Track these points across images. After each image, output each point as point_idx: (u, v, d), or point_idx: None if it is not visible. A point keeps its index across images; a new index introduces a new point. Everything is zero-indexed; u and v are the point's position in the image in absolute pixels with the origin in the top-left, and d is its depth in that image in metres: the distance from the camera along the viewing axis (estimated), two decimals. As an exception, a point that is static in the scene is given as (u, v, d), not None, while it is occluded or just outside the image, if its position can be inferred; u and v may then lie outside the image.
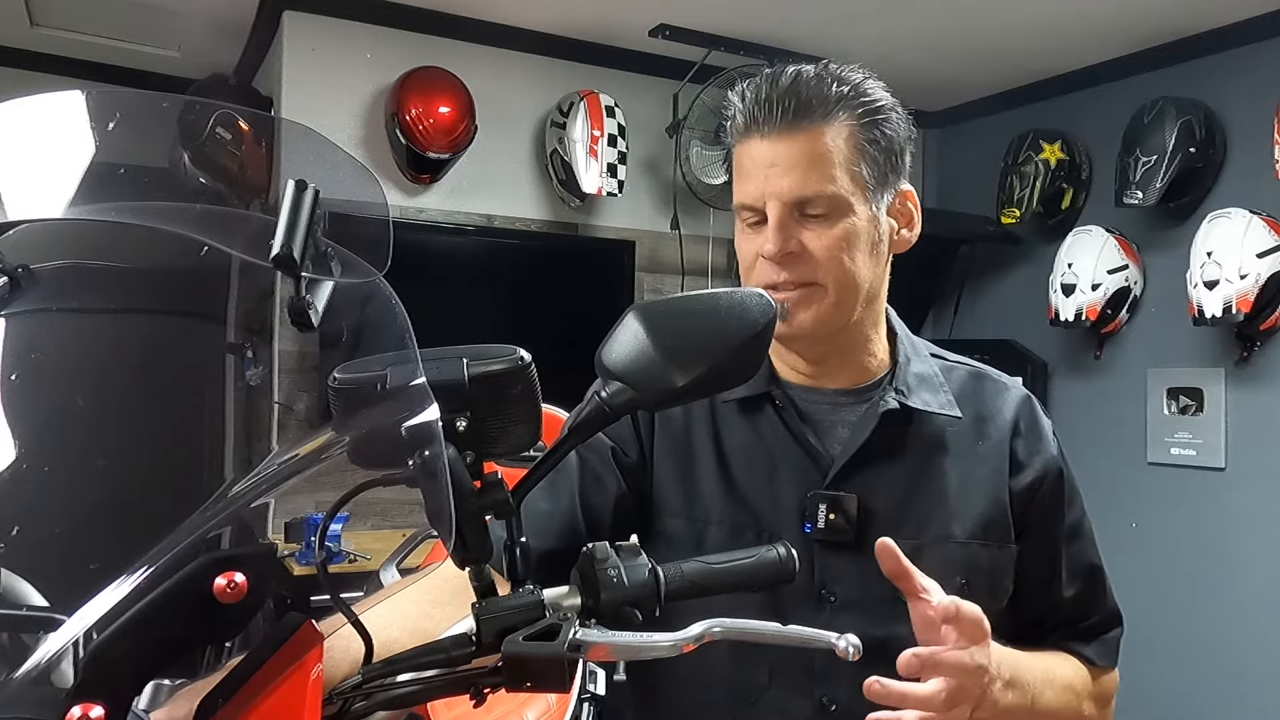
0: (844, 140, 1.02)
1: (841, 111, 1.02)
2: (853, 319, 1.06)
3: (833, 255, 1.01)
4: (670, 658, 0.68)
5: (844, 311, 1.04)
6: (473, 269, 3.52)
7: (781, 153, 1.01)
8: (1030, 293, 3.81)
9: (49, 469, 0.73)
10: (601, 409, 0.71)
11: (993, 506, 1.07)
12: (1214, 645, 3.28)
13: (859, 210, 1.02)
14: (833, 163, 1.01)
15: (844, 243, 1.02)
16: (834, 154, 1.01)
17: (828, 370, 1.10)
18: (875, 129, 1.03)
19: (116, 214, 0.74)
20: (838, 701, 0.99)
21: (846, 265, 1.02)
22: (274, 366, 2.94)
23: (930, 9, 3.22)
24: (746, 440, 1.07)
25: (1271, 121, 3.02)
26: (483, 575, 0.66)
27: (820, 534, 1.01)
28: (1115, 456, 3.53)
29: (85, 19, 3.52)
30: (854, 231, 1.02)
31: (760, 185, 1.02)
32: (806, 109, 1.01)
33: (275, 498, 0.68)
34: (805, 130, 1.01)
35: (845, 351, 1.09)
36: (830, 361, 1.10)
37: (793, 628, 0.71)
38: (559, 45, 3.64)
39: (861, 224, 1.03)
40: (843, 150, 1.01)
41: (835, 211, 1.01)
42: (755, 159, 1.03)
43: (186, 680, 0.64)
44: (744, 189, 1.04)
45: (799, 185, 1.00)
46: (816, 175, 1.00)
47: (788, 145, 1.01)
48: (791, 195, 1.00)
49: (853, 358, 1.10)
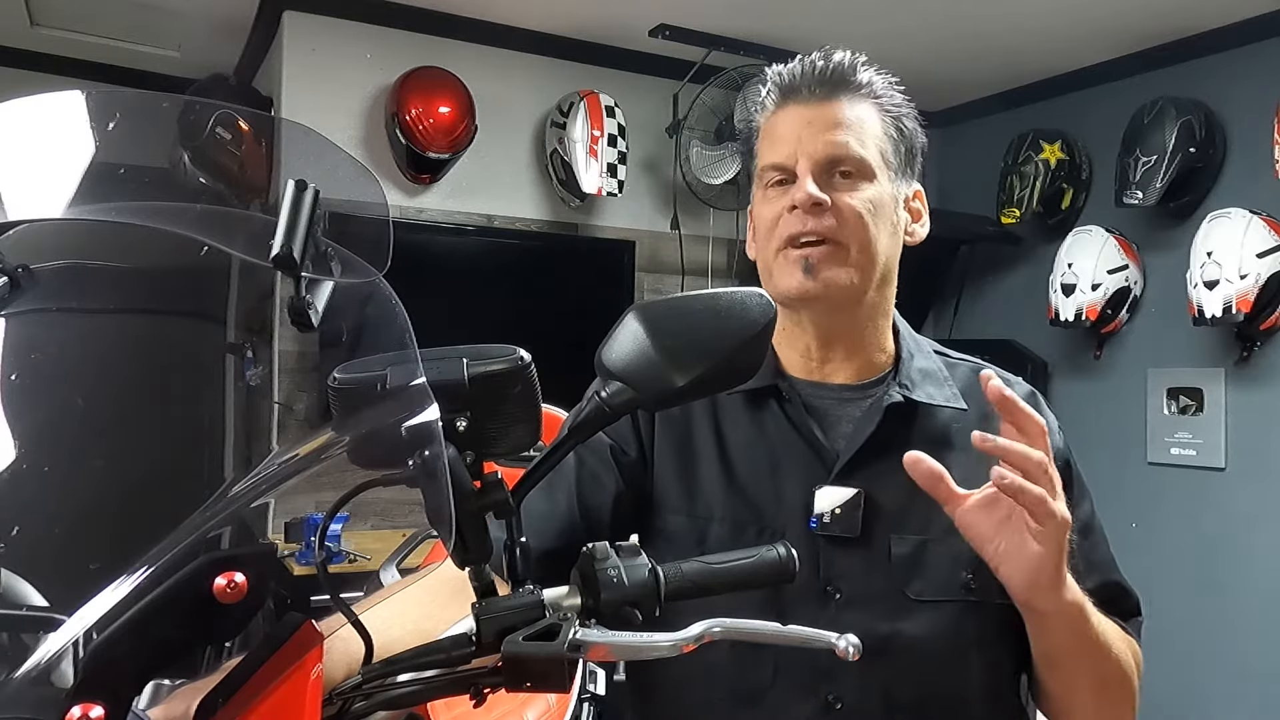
0: (875, 118, 1.07)
1: (870, 96, 1.08)
2: (868, 297, 1.07)
3: (858, 215, 1.04)
4: (671, 658, 0.68)
5: (864, 278, 1.06)
6: (473, 269, 3.52)
7: (818, 115, 1.06)
8: (1030, 293, 3.81)
9: (49, 469, 0.73)
10: (601, 409, 0.71)
11: None
12: (1214, 645, 3.28)
13: (883, 183, 1.07)
14: (863, 130, 1.06)
15: (870, 205, 1.05)
16: (864, 124, 1.06)
17: (834, 361, 1.10)
18: (899, 121, 1.09)
19: (116, 214, 0.74)
20: (843, 700, 0.99)
21: (870, 229, 1.05)
22: (274, 366, 2.94)
23: (930, 9, 3.22)
24: (749, 435, 1.07)
25: (1271, 121, 3.02)
26: (483, 575, 0.66)
27: (825, 529, 1.01)
28: (1115, 456, 3.53)
29: (85, 19, 3.52)
30: (880, 200, 1.06)
31: (793, 145, 1.05)
32: (844, 81, 1.07)
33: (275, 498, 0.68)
34: (841, 97, 1.06)
35: (853, 339, 1.10)
36: (838, 348, 1.09)
37: (792, 627, 0.70)
38: (559, 45, 3.64)
39: (885, 196, 1.06)
40: (872, 123, 1.07)
41: (863, 175, 1.05)
42: (789, 123, 1.07)
43: (186, 680, 0.64)
44: (775, 150, 1.07)
45: (832, 144, 1.04)
46: (850, 136, 1.05)
47: (822, 110, 1.06)
48: (825, 152, 1.04)
49: (859, 349, 1.10)
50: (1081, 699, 1.01)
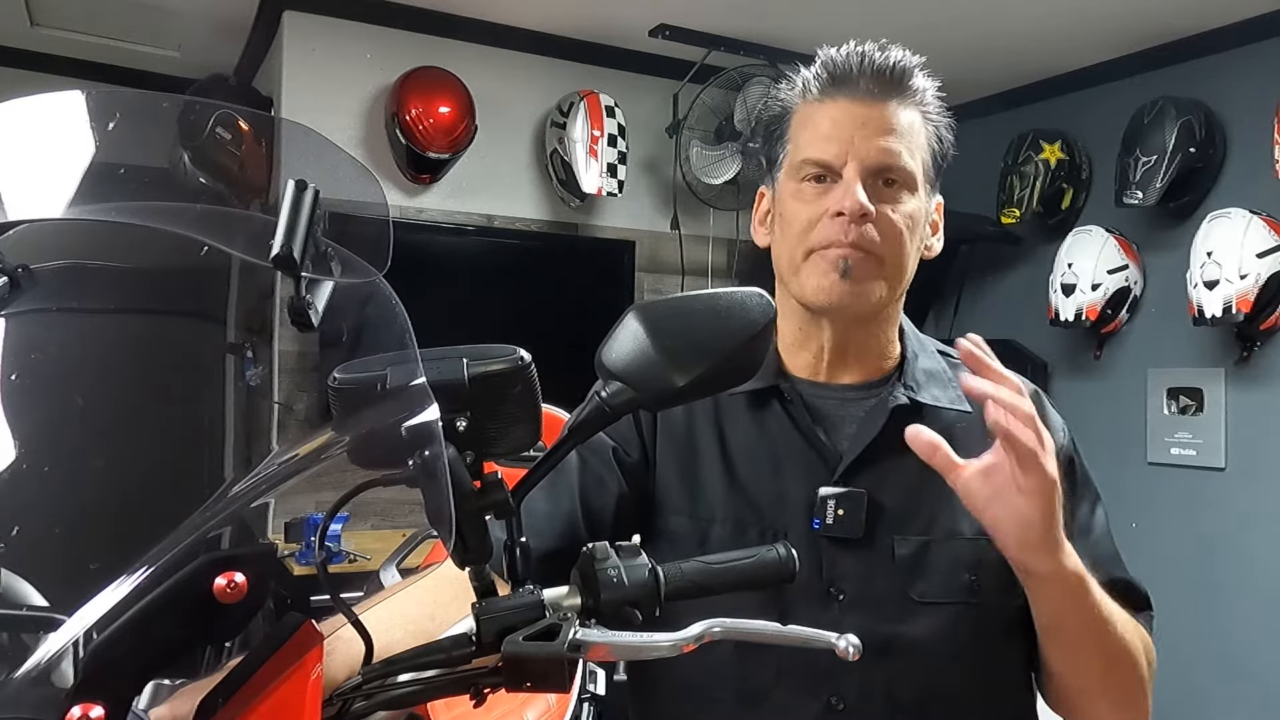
0: (920, 128, 1.04)
1: (919, 104, 1.04)
2: (888, 308, 1.06)
3: (898, 231, 1.01)
4: (673, 658, 0.68)
5: (892, 291, 1.04)
6: (473, 269, 3.52)
7: (872, 116, 1.01)
8: (1030, 293, 3.81)
9: (49, 469, 0.73)
10: (601, 409, 0.71)
11: None
12: (1215, 645, 3.28)
13: (921, 197, 1.04)
14: (913, 140, 1.02)
15: (909, 220, 1.02)
16: (914, 133, 1.03)
17: (843, 365, 1.08)
18: (940, 132, 1.06)
19: (116, 214, 0.74)
20: (845, 701, 0.98)
21: (905, 245, 1.03)
22: (274, 366, 2.94)
23: (930, 9, 3.22)
24: (751, 436, 1.06)
25: (1271, 121, 3.02)
26: (483, 575, 0.66)
27: (828, 530, 1.00)
28: (1115, 456, 3.52)
29: (85, 19, 3.52)
30: (918, 214, 1.03)
31: (844, 145, 1.00)
32: (904, 82, 1.02)
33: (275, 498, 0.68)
34: (895, 102, 1.02)
35: (865, 346, 1.08)
36: (850, 354, 1.08)
37: (792, 628, 0.70)
38: (559, 45, 3.64)
39: (920, 211, 1.04)
40: (920, 133, 1.03)
41: (907, 185, 1.02)
42: (840, 119, 1.01)
43: (186, 680, 0.64)
44: (820, 145, 1.01)
45: (886, 152, 1.00)
46: (904, 146, 1.01)
47: (880, 109, 1.01)
48: (878, 160, 1.00)
49: (868, 351, 1.09)
50: (1089, 678, 0.99)
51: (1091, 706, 1.02)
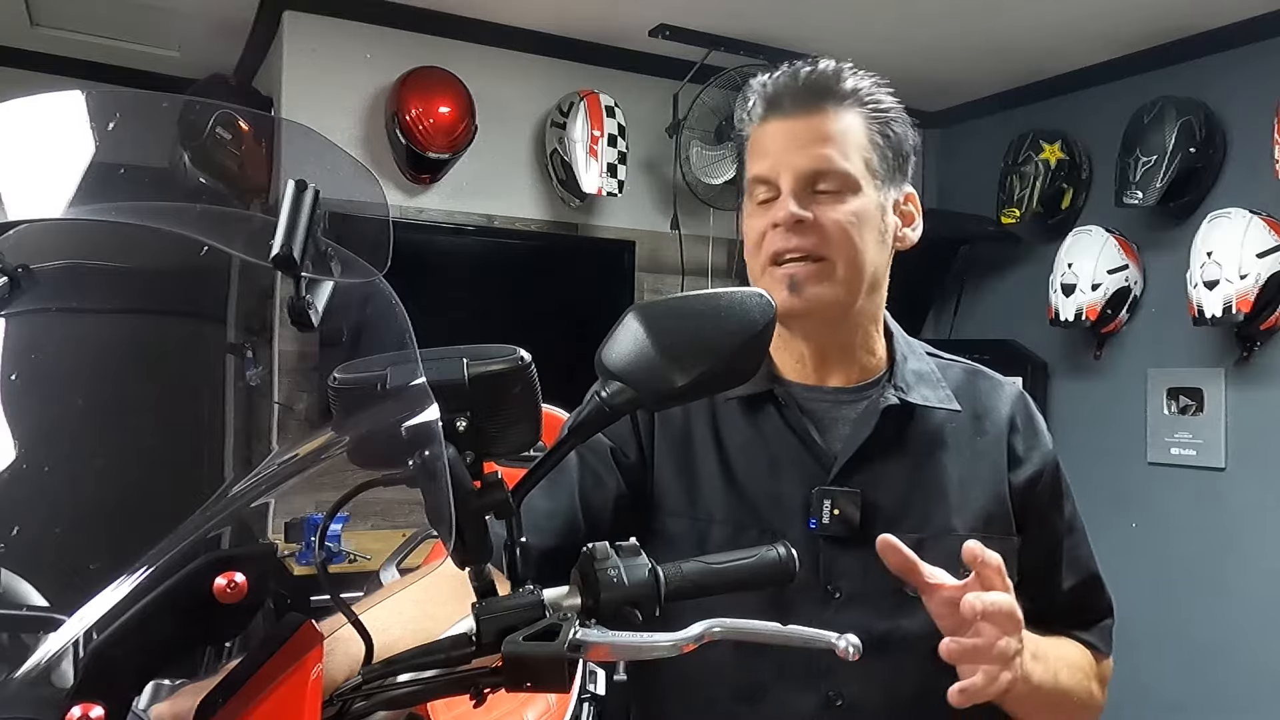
0: (858, 127, 1.07)
1: (855, 104, 1.07)
2: (856, 305, 1.08)
3: (842, 230, 1.04)
4: (673, 656, 0.68)
5: (851, 292, 1.06)
6: (473, 269, 3.52)
7: (799, 129, 1.06)
8: (1030, 293, 3.80)
9: (49, 469, 0.73)
10: (601, 409, 0.71)
11: (993, 500, 1.08)
12: (1215, 645, 3.28)
13: (869, 194, 1.06)
14: (847, 143, 1.06)
15: (854, 218, 1.05)
16: (848, 135, 1.06)
17: (828, 367, 1.11)
18: (886, 126, 1.08)
19: (116, 214, 0.74)
20: (843, 696, 1.00)
21: (855, 242, 1.05)
22: (274, 366, 2.94)
23: (931, 9, 3.22)
24: (748, 438, 1.08)
25: (1271, 121, 3.02)
26: (483, 575, 0.66)
27: (825, 529, 1.02)
28: (1115, 456, 3.52)
29: (85, 19, 3.52)
30: (864, 212, 1.06)
31: (776, 159, 1.06)
32: (826, 92, 1.06)
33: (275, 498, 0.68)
34: (823, 111, 1.06)
35: (846, 346, 1.11)
36: (831, 356, 1.11)
37: (792, 628, 0.70)
38: (559, 45, 3.63)
39: (871, 208, 1.06)
40: (856, 134, 1.07)
41: (847, 188, 1.05)
42: (774, 137, 1.07)
43: (186, 680, 0.64)
44: (760, 164, 1.08)
45: (815, 159, 1.05)
46: (832, 151, 1.05)
47: (805, 123, 1.06)
48: (807, 167, 1.05)
49: (853, 354, 1.12)
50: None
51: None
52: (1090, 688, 1.08)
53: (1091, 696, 1.08)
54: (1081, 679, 1.07)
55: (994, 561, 0.88)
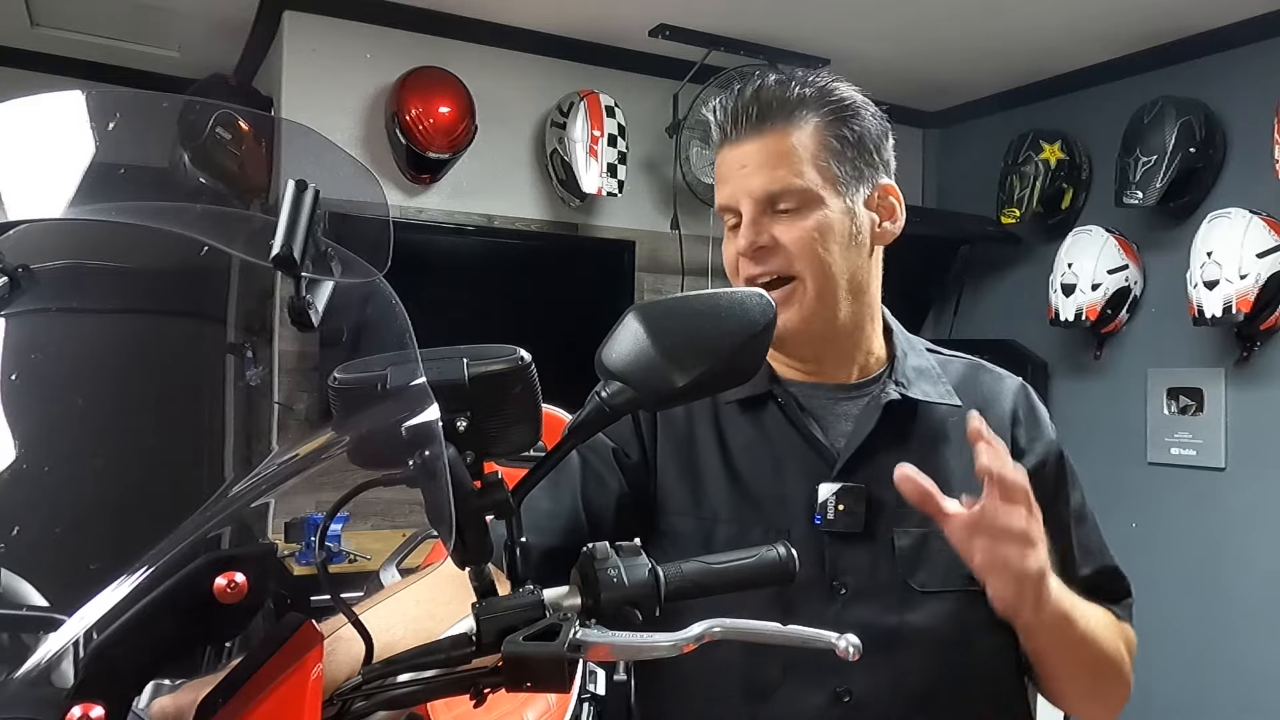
0: (809, 138, 1.06)
1: (805, 111, 1.06)
2: (840, 314, 1.08)
3: (806, 246, 1.05)
4: (680, 655, 0.68)
5: (827, 304, 1.07)
6: (473, 269, 3.51)
7: (749, 154, 1.06)
8: (1030, 293, 3.81)
9: (49, 469, 0.73)
10: (601, 409, 0.71)
11: None
12: (1215, 645, 3.28)
13: (831, 204, 1.06)
14: (799, 159, 1.05)
15: (816, 233, 1.05)
16: (800, 150, 1.05)
17: (826, 368, 1.12)
18: (843, 126, 1.07)
19: (116, 214, 0.74)
20: (851, 693, 1.00)
21: (822, 256, 1.05)
22: (274, 366, 2.94)
23: (930, 9, 3.22)
24: (751, 437, 1.09)
25: (1271, 121, 3.02)
26: (483, 575, 0.66)
27: (830, 525, 1.03)
28: (1115, 456, 3.52)
29: (85, 19, 3.52)
30: (827, 223, 1.05)
31: (734, 187, 1.07)
32: (768, 111, 1.06)
33: (275, 498, 0.68)
34: (769, 131, 1.06)
35: (842, 349, 1.11)
36: (828, 360, 1.12)
37: (792, 627, 0.70)
38: (559, 45, 3.63)
39: (835, 216, 1.06)
40: (809, 147, 1.06)
41: (805, 205, 1.05)
42: (729, 164, 1.08)
43: (186, 680, 0.64)
44: (721, 192, 1.09)
45: (767, 181, 1.05)
46: (783, 170, 1.05)
47: (754, 147, 1.06)
48: (761, 191, 1.05)
49: (850, 354, 1.12)
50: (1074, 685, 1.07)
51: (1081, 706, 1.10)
52: (1119, 648, 1.07)
53: (1121, 658, 1.07)
54: (1111, 635, 1.06)
55: (1019, 483, 0.88)
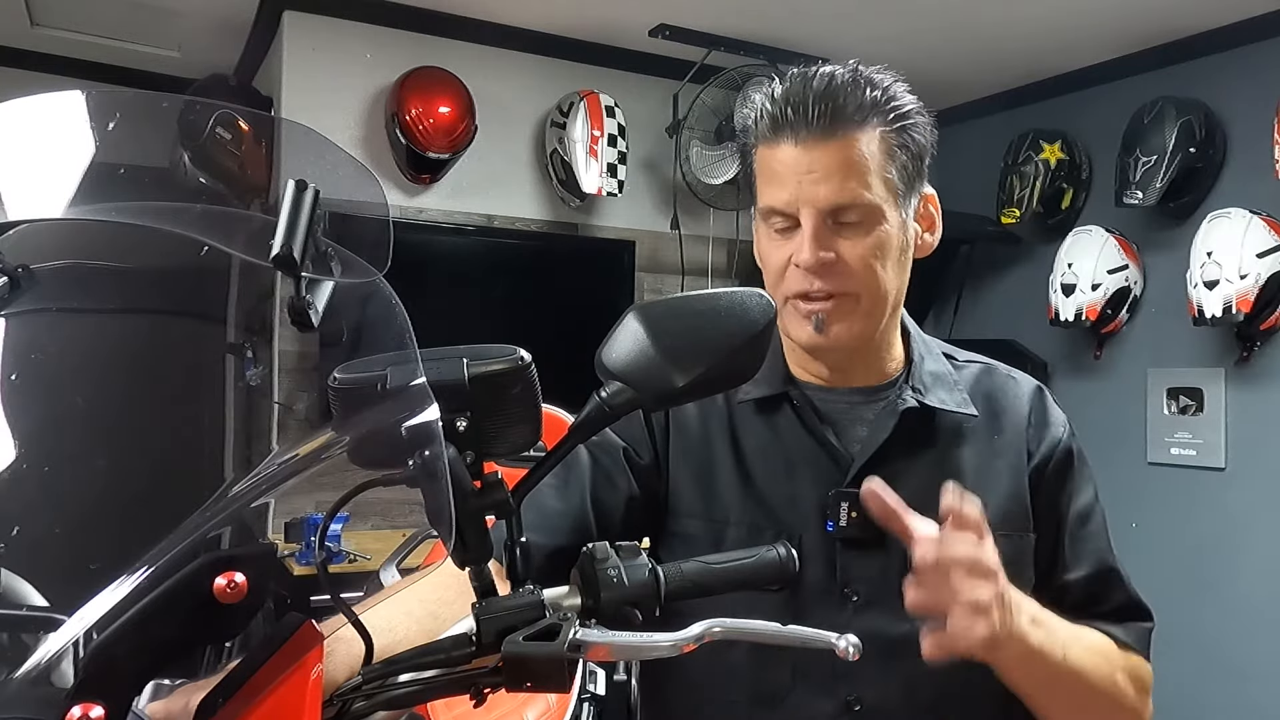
0: (877, 146, 1.00)
1: (875, 117, 1.00)
2: (880, 327, 1.06)
3: (867, 265, 1.01)
4: (688, 658, 0.68)
5: (875, 321, 1.05)
6: (473, 269, 3.52)
7: (818, 159, 0.99)
8: (1030, 293, 3.81)
9: (49, 469, 0.73)
10: (601, 409, 0.71)
11: (1010, 499, 1.06)
12: (1215, 645, 3.28)
13: (890, 217, 1.02)
14: (868, 170, 0.99)
15: (877, 251, 1.01)
16: (869, 161, 0.99)
17: (846, 372, 1.10)
18: (905, 134, 1.02)
19: (116, 214, 0.74)
20: (862, 701, 0.99)
21: (879, 274, 1.02)
22: (274, 366, 2.94)
23: (930, 8, 3.22)
24: (764, 441, 1.07)
25: (1271, 121, 3.02)
26: (483, 575, 0.66)
27: (842, 532, 1.01)
28: (1115, 456, 3.52)
29: (85, 19, 3.52)
30: (886, 240, 1.02)
31: (794, 191, 1.00)
32: (842, 114, 0.99)
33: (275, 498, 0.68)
34: (841, 137, 0.99)
35: (867, 356, 1.09)
36: (855, 367, 1.10)
37: (792, 627, 0.70)
38: (559, 45, 3.64)
39: (893, 232, 1.02)
40: (876, 157, 1.00)
41: (869, 220, 1.00)
42: (788, 164, 1.00)
43: (186, 680, 0.64)
44: (775, 194, 1.02)
45: (836, 193, 0.99)
46: (854, 183, 0.99)
47: (823, 152, 0.99)
48: (828, 203, 0.99)
49: (873, 361, 1.10)
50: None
51: None
52: (1115, 678, 1.00)
53: (1118, 689, 1.00)
54: (1101, 663, 1.00)
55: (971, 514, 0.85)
